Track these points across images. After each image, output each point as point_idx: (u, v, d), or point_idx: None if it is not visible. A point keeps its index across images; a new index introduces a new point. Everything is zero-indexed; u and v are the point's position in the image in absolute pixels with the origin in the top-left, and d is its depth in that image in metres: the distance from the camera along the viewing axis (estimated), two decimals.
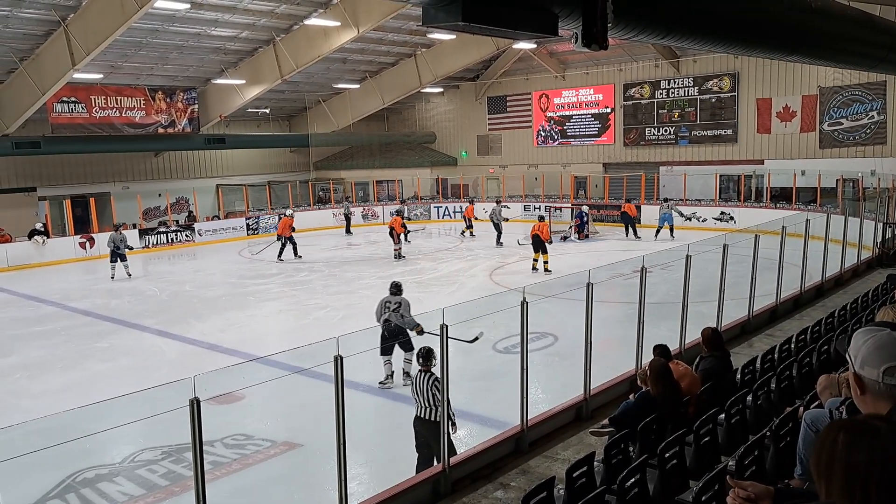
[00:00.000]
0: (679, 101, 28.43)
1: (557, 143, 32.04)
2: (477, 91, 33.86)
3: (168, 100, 26.29)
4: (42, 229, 21.91)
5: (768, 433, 4.67)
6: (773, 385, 6.16)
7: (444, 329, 5.85)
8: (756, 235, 10.86)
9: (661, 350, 6.50)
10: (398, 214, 22.49)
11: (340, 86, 30.62)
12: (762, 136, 26.60)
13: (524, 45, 27.59)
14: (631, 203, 24.44)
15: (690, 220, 24.59)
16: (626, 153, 30.10)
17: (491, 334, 11.07)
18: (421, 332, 8.84)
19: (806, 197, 23.60)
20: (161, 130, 26.38)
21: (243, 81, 25.80)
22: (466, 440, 7.34)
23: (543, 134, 32.44)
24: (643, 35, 6.51)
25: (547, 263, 17.66)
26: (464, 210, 26.56)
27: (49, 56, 19.73)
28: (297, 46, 23.64)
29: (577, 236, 23.59)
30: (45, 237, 21.78)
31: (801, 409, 4.76)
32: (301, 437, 8.09)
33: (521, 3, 5.10)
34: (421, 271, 18.82)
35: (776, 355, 7.26)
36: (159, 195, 27.76)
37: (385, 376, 9.40)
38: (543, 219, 19.05)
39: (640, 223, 24.60)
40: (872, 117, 24.09)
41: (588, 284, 7.40)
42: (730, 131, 27.33)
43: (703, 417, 5.19)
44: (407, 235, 22.79)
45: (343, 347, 5.12)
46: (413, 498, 5.80)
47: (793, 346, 7.56)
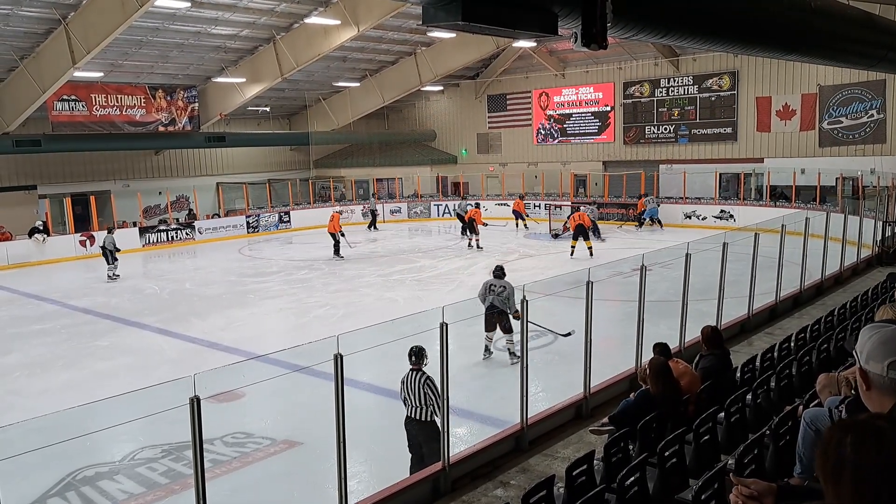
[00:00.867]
0: (679, 99, 28.41)
1: (557, 141, 32.03)
2: (477, 89, 33.85)
3: (168, 98, 26.29)
4: (42, 227, 21.93)
5: (768, 432, 4.67)
6: (773, 384, 6.16)
7: (444, 328, 5.84)
8: (756, 234, 10.86)
9: (660, 348, 6.50)
10: (477, 207, 23.21)
11: (340, 84, 30.60)
12: (762, 135, 26.60)
13: (524, 44, 27.58)
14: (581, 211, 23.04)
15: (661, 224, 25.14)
16: (625, 151, 30.10)
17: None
18: (517, 317, 9.14)
19: (806, 195, 23.61)
20: (161, 129, 26.38)
21: (243, 80, 25.80)
22: (466, 438, 7.35)
23: (543, 132, 32.43)
24: (643, 34, 6.51)
25: (591, 249, 19.48)
26: (512, 205, 26.65)
27: (49, 54, 19.72)
28: (297, 45, 23.63)
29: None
30: (46, 235, 21.79)
31: (801, 407, 4.77)
32: (301, 435, 8.10)
33: (521, 3, 5.10)
34: (421, 269, 18.83)
35: (776, 354, 7.26)
36: (159, 193, 27.76)
37: (485, 348, 10.33)
38: (579, 208, 21.49)
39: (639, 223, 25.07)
40: (872, 116, 24.08)
41: (588, 283, 7.41)
42: (729, 130, 27.32)
43: (702, 416, 5.19)
44: (476, 229, 22.24)
45: (343, 346, 5.13)
46: (413, 496, 5.80)
47: (792, 344, 7.56)
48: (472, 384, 9.24)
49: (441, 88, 33.94)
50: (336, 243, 20.95)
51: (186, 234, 25.21)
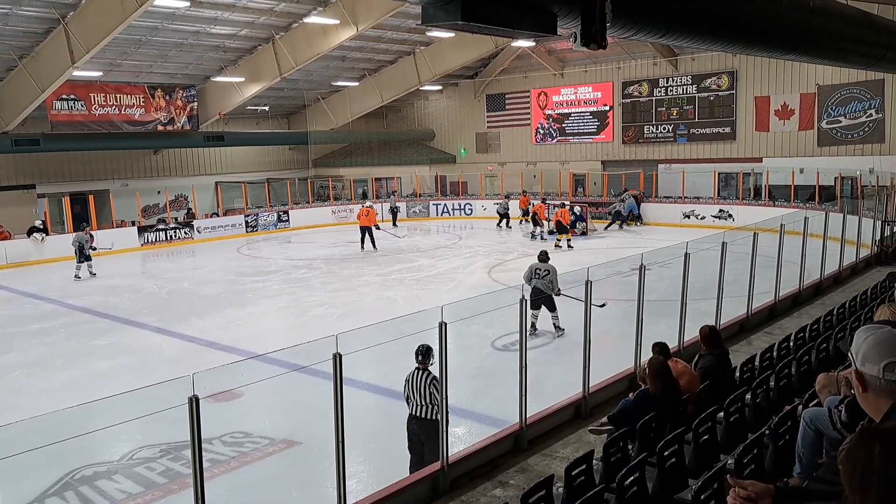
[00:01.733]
0: (677, 98, 28.42)
1: (556, 140, 32.03)
2: (476, 89, 33.84)
3: (167, 97, 26.27)
4: (41, 226, 21.90)
5: (767, 431, 4.67)
6: (772, 383, 6.16)
7: (443, 327, 5.84)
8: (755, 233, 10.86)
9: (659, 348, 6.49)
10: (543, 202, 24.30)
11: (339, 83, 30.59)
12: (760, 134, 26.61)
13: (523, 44, 27.58)
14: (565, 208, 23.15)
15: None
16: (624, 151, 30.10)
17: (489, 332, 11.11)
18: (558, 294, 10.87)
19: (804, 195, 23.61)
20: (160, 128, 26.35)
21: (242, 79, 25.80)
22: (465, 438, 7.35)
23: (542, 131, 32.42)
24: (642, 34, 6.50)
25: (570, 241, 21.21)
26: (532, 206, 25.31)
27: (49, 54, 19.71)
28: (296, 44, 23.63)
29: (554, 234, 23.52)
30: (44, 234, 21.76)
31: (800, 407, 4.77)
32: (300, 434, 8.09)
33: (520, 3, 5.10)
34: (420, 268, 18.82)
35: (775, 353, 7.26)
36: (158, 192, 27.74)
37: (531, 325, 10.74)
38: (565, 206, 22.88)
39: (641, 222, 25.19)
40: (870, 115, 24.10)
41: (587, 282, 7.41)
42: (728, 129, 27.33)
43: (702, 416, 5.19)
44: (539, 222, 23.77)
45: (342, 345, 5.12)
46: (411, 496, 5.80)
47: (791, 344, 7.56)
48: (471, 383, 9.23)
49: (440, 88, 33.92)
50: (371, 237, 21.32)
51: (185, 233, 25.19)
